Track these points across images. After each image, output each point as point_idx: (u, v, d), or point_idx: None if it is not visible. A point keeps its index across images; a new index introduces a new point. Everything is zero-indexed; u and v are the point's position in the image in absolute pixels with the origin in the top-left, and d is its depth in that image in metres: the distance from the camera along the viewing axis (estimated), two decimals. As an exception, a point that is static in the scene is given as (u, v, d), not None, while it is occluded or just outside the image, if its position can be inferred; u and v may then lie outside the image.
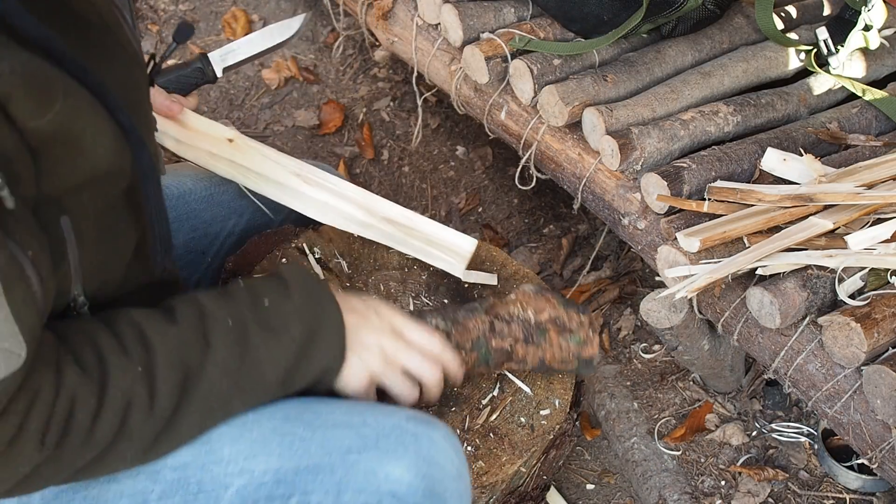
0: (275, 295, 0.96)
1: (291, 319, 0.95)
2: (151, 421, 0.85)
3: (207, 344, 0.89)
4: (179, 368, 0.86)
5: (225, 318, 0.91)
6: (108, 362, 0.83)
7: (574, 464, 1.74)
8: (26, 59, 0.71)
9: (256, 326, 0.92)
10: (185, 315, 0.90)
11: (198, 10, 2.67)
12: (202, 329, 0.89)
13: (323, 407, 1.00)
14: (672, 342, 1.55)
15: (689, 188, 1.41)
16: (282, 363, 0.94)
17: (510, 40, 1.61)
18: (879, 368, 1.19)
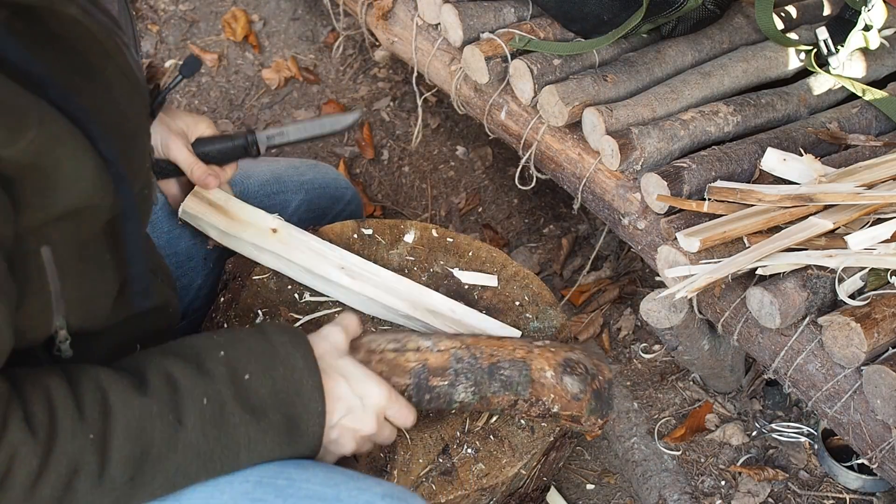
0: (256, 367, 0.91)
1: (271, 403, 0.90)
2: (101, 490, 0.81)
3: (178, 422, 0.85)
4: (137, 442, 0.82)
5: (200, 396, 0.87)
6: (58, 424, 0.79)
7: (574, 464, 1.74)
8: None
9: (235, 404, 0.88)
10: (157, 390, 0.85)
11: (198, 10, 2.67)
12: (174, 404, 0.85)
13: (298, 473, 0.97)
14: (672, 342, 1.55)
15: (689, 188, 1.41)
16: (261, 448, 0.91)
17: (510, 40, 1.61)
18: (879, 368, 1.19)
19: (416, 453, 1.20)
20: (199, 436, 0.85)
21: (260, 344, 0.93)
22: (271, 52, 2.58)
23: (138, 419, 0.82)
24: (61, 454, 0.78)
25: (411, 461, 1.19)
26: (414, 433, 1.22)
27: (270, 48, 2.59)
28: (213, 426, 0.86)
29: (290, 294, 1.34)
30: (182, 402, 0.85)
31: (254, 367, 0.91)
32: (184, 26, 2.62)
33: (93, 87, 0.81)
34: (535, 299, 1.41)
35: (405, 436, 1.21)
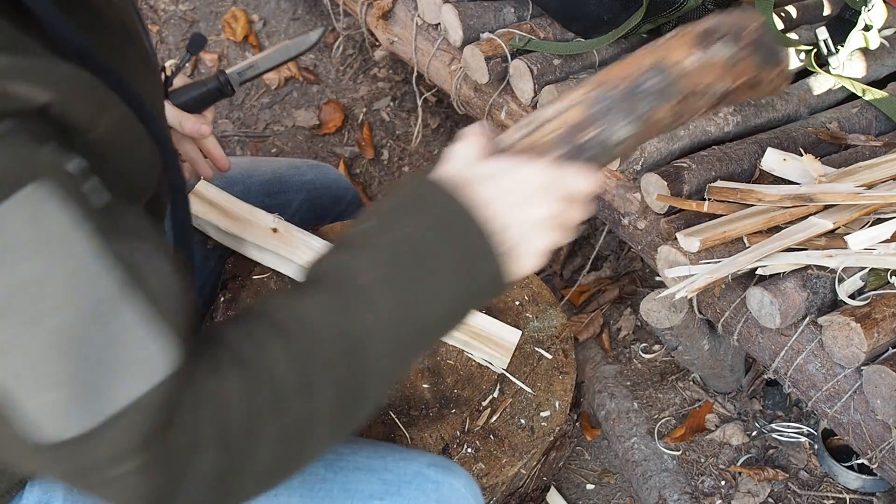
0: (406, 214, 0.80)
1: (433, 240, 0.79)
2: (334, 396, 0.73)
3: (368, 300, 0.75)
4: (343, 338, 0.74)
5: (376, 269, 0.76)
6: (265, 349, 0.71)
7: (574, 464, 1.74)
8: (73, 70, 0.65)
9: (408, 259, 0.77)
10: (327, 279, 0.77)
11: (198, 10, 2.67)
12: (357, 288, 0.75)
13: (344, 447, 0.98)
14: (672, 342, 1.55)
15: (689, 188, 1.41)
16: (447, 295, 0.79)
17: (510, 40, 1.61)
18: (879, 368, 1.19)
19: (416, 453, 1.20)
20: (391, 304, 0.76)
21: (390, 207, 0.83)
22: (271, 52, 2.58)
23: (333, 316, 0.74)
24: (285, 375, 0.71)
25: (411, 461, 1.19)
26: (414, 433, 1.22)
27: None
28: (398, 288, 0.77)
29: (290, 294, 1.34)
30: (359, 283, 0.76)
31: (400, 222, 0.79)
32: (184, 26, 2.62)
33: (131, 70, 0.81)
34: (535, 299, 1.41)
35: (406, 435, 1.22)
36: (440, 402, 1.27)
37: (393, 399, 1.27)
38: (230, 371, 0.69)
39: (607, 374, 1.84)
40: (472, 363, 1.32)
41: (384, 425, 1.23)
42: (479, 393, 1.29)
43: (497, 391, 1.29)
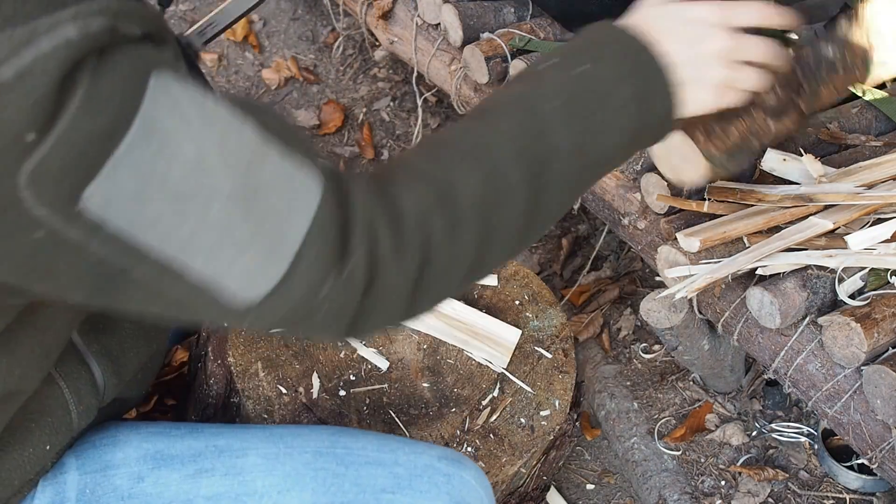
0: (584, 58, 0.81)
1: (613, 79, 0.79)
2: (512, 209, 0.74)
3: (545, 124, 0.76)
4: (525, 156, 0.74)
5: (552, 99, 0.77)
6: (449, 167, 0.72)
7: (574, 464, 1.74)
8: None
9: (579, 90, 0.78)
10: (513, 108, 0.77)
11: (198, 10, 2.67)
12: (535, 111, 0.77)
13: (354, 442, 0.99)
14: (672, 342, 1.55)
15: (689, 188, 1.41)
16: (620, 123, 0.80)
17: (510, 40, 1.61)
18: (879, 368, 1.19)
19: (415, 452, 1.20)
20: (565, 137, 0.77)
21: (572, 46, 0.84)
22: (271, 52, 2.58)
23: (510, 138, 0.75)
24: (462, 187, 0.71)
25: (411, 460, 1.19)
26: (414, 431, 1.22)
27: (270, 48, 2.60)
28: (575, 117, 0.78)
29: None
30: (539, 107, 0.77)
31: (580, 59, 0.81)
32: (184, 26, 2.62)
33: None
34: (535, 298, 1.41)
35: (406, 434, 1.22)
36: (440, 401, 1.27)
37: (392, 398, 1.27)
38: (410, 184, 0.70)
39: (607, 374, 1.84)
40: (472, 362, 1.32)
41: (384, 424, 1.23)
42: (478, 392, 1.29)
43: (497, 390, 1.29)
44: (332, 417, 1.23)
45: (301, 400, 1.26)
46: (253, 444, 0.97)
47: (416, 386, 1.28)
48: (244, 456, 0.96)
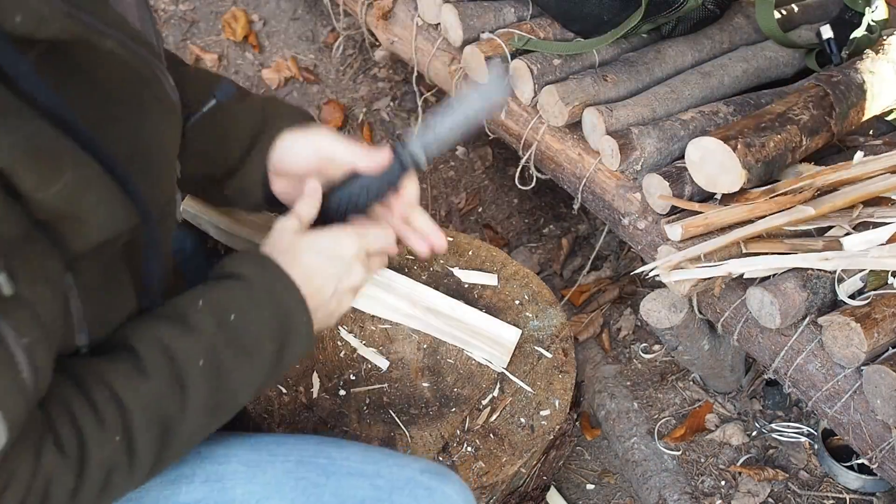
0: (240, 306, 0.89)
1: (263, 336, 0.89)
2: (133, 477, 0.83)
3: (183, 390, 0.85)
4: (157, 424, 0.83)
5: (196, 357, 0.86)
6: (86, 439, 0.79)
7: (574, 464, 1.74)
8: (33, 131, 0.68)
9: (228, 351, 0.87)
10: (156, 365, 0.84)
11: (198, 10, 2.67)
12: (175, 376, 0.85)
13: (337, 452, 0.99)
14: (672, 342, 1.55)
15: (690, 189, 1.41)
16: (256, 382, 0.90)
17: (510, 40, 1.61)
18: (879, 368, 1.19)
19: (416, 451, 1.20)
20: (205, 394, 0.85)
21: (232, 281, 0.91)
22: (271, 52, 2.58)
23: (151, 403, 0.82)
24: (94, 465, 0.79)
25: (411, 460, 1.19)
26: (414, 431, 1.22)
27: (270, 48, 2.59)
28: (213, 379, 0.86)
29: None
30: (182, 369, 0.85)
31: (235, 305, 0.89)
32: (184, 26, 2.62)
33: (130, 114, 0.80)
34: (535, 298, 1.41)
35: (406, 434, 1.22)
36: (440, 401, 1.27)
37: (392, 397, 1.27)
38: (46, 457, 0.76)
39: (607, 374, 1.84)
40: (472, 362, 1.32)
41: (384, 424, 1.23)
42: (478, 391, 1.29)
43: (497, 390, 1.29)
44: (332, 417, 1.23)
45: (301, 400, 1.26)
46: (235, 451, 0.98)
47: (416, 386, 1.28)
48: (226, 463, 0.96)
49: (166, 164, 0.90)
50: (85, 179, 0.73)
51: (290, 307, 0.91)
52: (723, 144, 1.30)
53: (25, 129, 0.68)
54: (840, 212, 1.33)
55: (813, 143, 1.41)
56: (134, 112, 0.81)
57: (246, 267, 0.92)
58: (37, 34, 0.68)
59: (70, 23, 0.70)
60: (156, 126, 0.84)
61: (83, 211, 0.74)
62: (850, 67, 1.50)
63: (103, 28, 0.75)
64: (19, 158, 0.67)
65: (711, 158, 1.33)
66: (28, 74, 0.68)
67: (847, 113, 1.44)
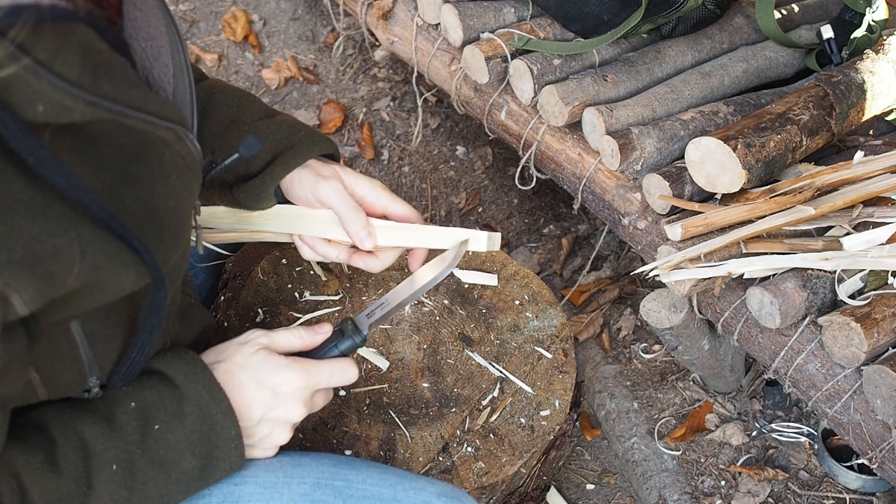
0: (166, 417, 0.89)
1: (183, 449, 0.89)
2: None
3: (90, 487, 0.84)
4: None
5: (111, 460, 0.85)
6: None
7: (574, 464, 1.74)
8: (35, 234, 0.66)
9: (145, 461, 0.87)
10: (69, 462, 0.84)
11: (198, 10, 2.67)
12: (85, 472, 0.84)
13: (355, 474, 0.99)
14: (672, 342, 1.55)
15: (690, 189, 1.41)
16: (175, 495, 0.90)
17: (510, 40, 1.61)
18: (879, 368, 1.19)
19: (416, 451, 1.20)
20: (108, 501, 0.85)
21: (164, 386, 0.91)
22: (271, 52, 2.58)
23: (56, 500, 0.82)
24: None
25: (411, 459, 1.19)
26: (414, 432, 1.22)
27: (270, 48, 2.59)
28: (123, 488, 0.86)
29: (290, 293, 1.34)
30: (93, 469, 0.84)
31: (163, 413, 0.89)
32: (184, 26, 2.62)
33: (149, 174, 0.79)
34: (535, 298, 1.41)
35: (406, 434, 1.22)
36: (440, 401, 1.27)
37: (392, 398, 1.27)
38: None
39: (607, 374, 1.84)
40: (471, 362, 1.32)
41: (384, 424, 1.23)
42: (478, 392, 1.29)
43: (497, 390, 1.29)
44: (332, 417, 1.23)
45: (301, 400, 1.26)
46: (252, 472, 0.97)
47: (416, 386, 1.28)
48: (243, 483, 0.96)
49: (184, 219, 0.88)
50: (96, 264, 0.72)
51: (218, 421, 0.90)
52: (723, 144, 1.30)
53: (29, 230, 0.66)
54: (840, 212, 1.33)
55: (813, 143, 1.41)
56: (153, 172, 0.79)
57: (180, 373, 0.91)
58: (58, 121, 0.67)
59: (92, 111, 0.68)
60: (174, 185, 0.82)
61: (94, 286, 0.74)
62: (850, 67, 1.50)
63: (126, 111, 0.73)
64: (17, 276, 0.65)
65: (711, 158, 1.33)
66: (45, 159, 0.66)
67: (847, 113, 1.44)
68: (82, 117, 0.68)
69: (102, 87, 0.69)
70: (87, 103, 0.67)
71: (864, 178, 1.35)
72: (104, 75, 0.69)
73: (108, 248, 0.73)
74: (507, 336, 1.36)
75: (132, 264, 0.76)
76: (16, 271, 0.65)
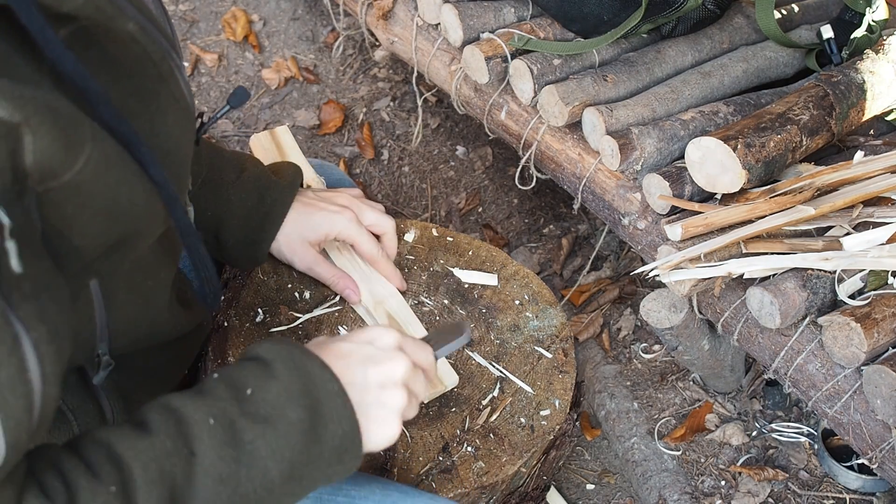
0: (257, 380, 0.82)
1: (284, 403, 0.81)
2: None
3: (192, 452, 0.76)
4: (161, 483, 0.74)
5: (205, 418, 0.78)
6: (74, 486, 0.71)
7: (574, 464, 1.74)
8: (54, 98, 0.65)
9: (245, 420, 0.79)
10: (159, 424, 0.77)
11: (198, 10, 2.67)
12: (182, 435, 0.77)
13: (356, 491, 0.96)
14: (672, 342, 1.55)
15: (690, 189, 1.41)
16: (286, 454, 0.81)
17: (510, 40, 1.61)
18: (879, 368, 1.19)
19: (416, 451, 1.20)
20: (216, 460, 0.77)
21: (246, 360, 0.86)
22: (271, 52, 2.58)
23: (153, 460, 0.75)
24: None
25: (411, 459, 1.19)
26: (414, 431, 1.22)
27: (270, 48, 2.59)
28: (227, 446, 0.78)
29: (290, 293, 1.34)
30: (190, 430, 0.77)
31: (252, 378, 0.82)
32: (184, 26, 2.62)
33: (147, 111, 0.78)
34: (535, 298, 1.41)
35: (406, 434, 1.22)
36: (440, 401, 1.27)
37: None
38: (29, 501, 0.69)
39: (607, 374, 1.84)
40: (471, 362, 1.32)
41: (384, 424, 1.23)
42: (478, 391, 1.29)
43: (497, 390, 1.29)
44: (332, 417, 1.23)
45: (301, 400, 1.26)
46: None
47: (416, 386, 1.28)
48: None
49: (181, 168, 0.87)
50: (105, 156, 0.69)
51: (315, 374, 0.83)
52: (723, 144, 1.30)
53: (47, 96, 0.64)
54: (840, 212, 1.33)
55: (813, 143, 1.41)
56: (152, 109, 0.79)
57: (263, 350, 0.86)
58: (62, 7, 0.67)
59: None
60: (171, 127, 0.82)
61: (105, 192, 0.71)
62: (851, 67, 1.50)
63: (124, 6, 0.73)
64: (39, 118, 0.63)
65: (711, 158, 1.33)
66: (55, 43, 0.66)
67: (847, 113, 1.44)
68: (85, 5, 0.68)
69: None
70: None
71: (864, 178, 1.35)
72: None
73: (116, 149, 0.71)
74: (507, 336, 1.36)
75: (140, 176, 0.73)
76: (38, 111, 0.63)
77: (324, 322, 1.32)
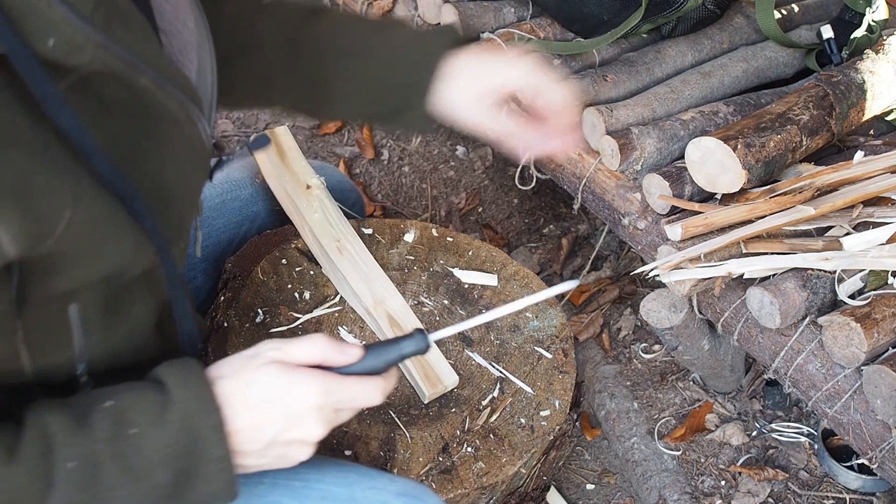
0: (146, 421, 0.78)
1: (157, 461, 0.78)
2: None
3: (50, 485, 0.74)
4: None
5: (69, 457, 0.75)
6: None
7: (574, 464, 1.74)
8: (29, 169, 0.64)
9: (113, 465, 0.77)
10: (29, 450, 0.75)
11: (198, 10, 2.67)
12: (44, 469, 0.75)
13: (314, 473, 0.94)
14: (672, 342, 1.55)
15: (690, 189, 1.41)
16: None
17: (510, 40, 1.61)
18: (879, 368, 1.19)
19: (416, 452, 1.20)
20: (67, 502, 0.76)
21: (151, 389, 0.81)
22: (271, 52, 2.58)
23: (8, 491, 0.74)
24: None
25: (411, 460, 1.19)
26: (414, 432, 1.22)
27: (270, 48, 2.59)
28: (82, 491, 0.76)
29: (290, 293, 1.34)
30: (54, 463, 0.75)
31: (142, 417, 0.79)
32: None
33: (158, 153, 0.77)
34: (535, 299, 1.41)
35: (406, 434, 1.22)
36: (440, 401, 1.27)
37: (392, 398, 1.27)
38: None
39: (607, 374, 1.84)
40: (471, 362, 1.32)
41: (384, 424, 1.23)
42: (478, 392, 1.29)
43: (497, 390, 1.29)
44: (332, 417, 1.23)
45: (301, 400, 1.25)
46: None
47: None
48: None
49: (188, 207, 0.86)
50: (90, 217, 0.69)
51: (203, 437, 0.79)
52: (723, 144, 1.30)
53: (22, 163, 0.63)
54: (840, 212, 1.33)
55: (813, 143, 1.41)
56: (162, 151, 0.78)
57: (174, 378, 0.81)
58: (69, 61, 0.66)
59: (103, 54, 0.67)
60: (182, 168, 0.81)
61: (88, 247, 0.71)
62: (850, 67, 1.50)
63: (138, 64, 0.72)
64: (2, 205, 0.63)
65: (711, 158, 1.33)
66: (53, 98, 0.65)
67: (847, 113, 1.44)
68: (92, 62, 0.67)
69: (116, 32, 0.68)
70: (97, 45, 0.66)
71: (864, 178, 1.35)
72: (118, 22, 0.69)
73: (105, 206, 0.70)
74: (506, 336, 1.36)
75: (130, 229, 0.73)
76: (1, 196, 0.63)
77: (324, 322, 1.32)
